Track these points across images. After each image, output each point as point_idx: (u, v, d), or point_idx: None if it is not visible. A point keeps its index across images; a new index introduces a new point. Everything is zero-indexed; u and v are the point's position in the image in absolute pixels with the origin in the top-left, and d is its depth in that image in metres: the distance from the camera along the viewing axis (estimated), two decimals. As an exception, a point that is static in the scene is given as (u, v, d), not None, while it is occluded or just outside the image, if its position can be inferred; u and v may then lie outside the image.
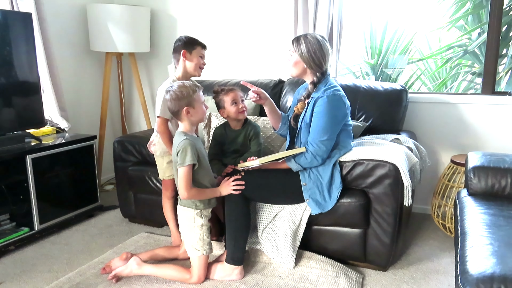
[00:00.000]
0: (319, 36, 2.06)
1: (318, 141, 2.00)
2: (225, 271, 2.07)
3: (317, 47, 2.01)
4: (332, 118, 2.00)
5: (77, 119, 3.43)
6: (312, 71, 2.06)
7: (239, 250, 2.06)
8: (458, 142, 2.86)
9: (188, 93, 1.96)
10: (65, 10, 3.30)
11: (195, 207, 2.02)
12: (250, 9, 3.26)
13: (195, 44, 2.27)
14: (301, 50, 2.03)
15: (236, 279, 2.07)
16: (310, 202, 2.06)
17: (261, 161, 1.99)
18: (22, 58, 2.64)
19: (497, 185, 1.92)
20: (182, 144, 1.92)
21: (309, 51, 2.01)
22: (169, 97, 1.96)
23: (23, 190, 2.53)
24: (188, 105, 1.96)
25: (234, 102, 2.29)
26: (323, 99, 1.99)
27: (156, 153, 2.34)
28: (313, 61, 2.02)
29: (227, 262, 2.07)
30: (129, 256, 2.15)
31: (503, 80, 3.69)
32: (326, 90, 2.02)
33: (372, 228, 2.10)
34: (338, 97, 2.02)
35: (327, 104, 1.98)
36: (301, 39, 2.04)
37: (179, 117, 1.99)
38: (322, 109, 1.99)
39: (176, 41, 2.29)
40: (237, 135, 2.37)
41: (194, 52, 2.27)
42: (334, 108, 2.00)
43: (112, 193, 3.39)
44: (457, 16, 3.95)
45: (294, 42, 2.06)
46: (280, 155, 2.02)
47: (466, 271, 1.31)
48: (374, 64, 4.36)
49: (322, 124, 1.99)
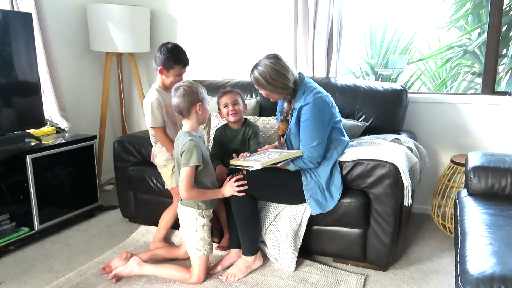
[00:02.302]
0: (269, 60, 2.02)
1: (310, 148, 2.01)
2: (248, 264, 2.12)
3: (272, 73, 2.00)
4: (319, 122, 2.01)
5: (77, 119, 3.43)
6: (284, 92, 2.07)
7: (254, 241, 2.13)
8: (458, 142, 2.86)
9: (201, 90, 2.00)
10: (65, 10, 3.30)
11: (197, 207, 2.02)
12: (250, 9, 3.25)
13: (175, 63, 2.20)
14: (262, 84, 2.03)
15: (259, 265, 2.15)
16: (311, 202, 2.06)
17: (263, 165, 1.96)
18: (22, 58, 2.64)
19: (497, 185, 1.92)
20: (188, 145, 1.92)
21: (267, 81, 2.01)
22: (181, 92, 1.95)
23: (23, 190, 2.52)
24: (200, 101, 1.97)
25: (225, 105, 2.33)
26: (306, 107, 2.00)
27: (160, 163, 2.32)
28: (276, 86, 2.02)
29: (245, 255, 2.12)
30: (129, 256, 2.15)
31: (503, 80, 3.69)
32: (306, 97, 2.03)
33: (372, 228, 2.10)
34: (320, 99, 2.02)
35: (311, 110, 1.99)
36: (255, 75, 2.03)
37: (188, 114, 1.98)
38: (308, 117, 2.00)
39: (159, 49, 2.20)
40: (235, 134, 2.40)
41: (172, 72, 2.21)
42: (319, 112, 2.01)
43: (112, 193, 3.39)
44: (457, 16, 3.95)
45: (252, 79, 2.07)
46: (279, 158, 2.02)
47: (466, 271, 1.31)
48: (374, 64, 4.36)
49: (310, 131, 2.01)
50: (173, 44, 2.22)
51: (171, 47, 2.20)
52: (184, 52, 2.25)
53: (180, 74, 2.25)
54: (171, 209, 2.39)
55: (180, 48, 2.24)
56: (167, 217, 2.40)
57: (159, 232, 2.41)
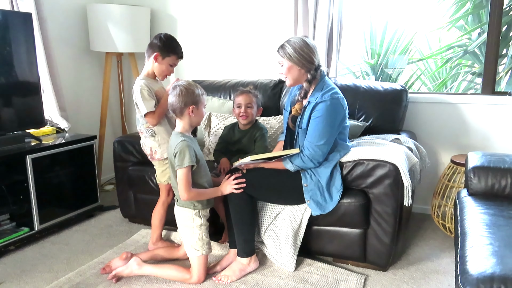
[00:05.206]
0: (301, 36, 2.05)
1: (315, 145, 1.99)
2: (242, 266, 2.10)
3: (302, 44, 2.00)
4: (331, 122, 1.99)
5: (77, 119, 3.43)
6: (306, 70, 2.03)
7: (249, 243, 2.10)
8: (458, 142, 2.86)
9: (198, 93, 1.97)
10: (65, 10, 3.30)
11: (193, 207, 2.02)
12: (250, 9, 3.25)
13: (172, 52, 2.19)
14: (288, 53, 2.00)
15: (254, 267, 2.12)
16: (311, 204, 2.06)
17: (252, 158, 1.98)
18: (22, 58, 2.64)
19: (497, 185, 1.92)
20: (180, 146, 1.92)
21: (296, 51, 1.99)
22: (177, 92, 1.94)
23: (23, 190, 2.52)
24: (194, 104, 1.96)
25: (239, 105, 2.33)
26: (322, 104, 1.98)
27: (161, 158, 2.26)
28: (303, 58, 1.99)
29: (240, 257, 2.10)
30: (129, 256, 2.15)
31: (503, 80, 3.69)
32: (324, 94, 2.00)
33: (372, 228, 2.10)
34: (336, 100, 2.00)
35: (326, 109, 1.97)
36: (284, 44, 2.03)
37: (180, 115, 1.97)
38: (321, 114, 1.98)
39: (155, 37, 2.20)
40: (243, 136, 2.41)
41: (167, 59, 2.20)
42: (333, 112, 1.99)
43: (112, 193, 3.39)
44: (457, 16, 3.95)
45: (279, 49, 2.05)
46: (272, 154, 2.02)
47: (466, 271, 1.31)
48: (374, 64, 4.36)
49: (320, 128, 1.98)
50: (170, 35, 2.23)
51: (170, 36, 2.22)
52: (180, 45, 2.26)
53: (173, 64, 2.23)
54: (159, 205, 2.37)
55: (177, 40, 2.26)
56: (158, 214, 2.37)
57: (154, 231, 2.39)
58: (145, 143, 2.31)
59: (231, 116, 2.72)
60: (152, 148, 2.28)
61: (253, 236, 2.14)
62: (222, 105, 2.90)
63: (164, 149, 2.25)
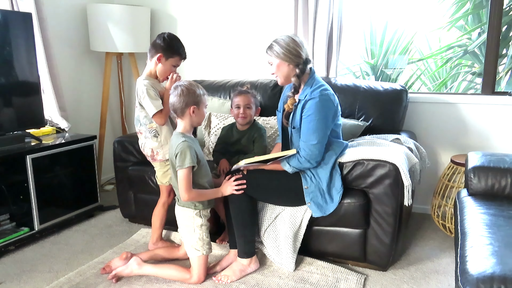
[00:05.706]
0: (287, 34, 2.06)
1: (310, 145, 1.98)
2: (243, 267, 2.09)
3: (288, 40, 2.00)
4: (322, 119, 1.98)
5: (77, 119, 3.43)
6: (294, 64, 2.02)
7: (250, 244, 2.10)
8: (458, 142, 2.86)
9: (199, 93, 1.98)
10: (65, 10, 3.30)
11: (194, 207, 2.02)
12: (250, 9, 3.25)
13: (176, 53, 2.18)
14: (276, 51, 2.01)
15: (255, 268, 2.12)
16: (312, 206, 2.06)
17: (247, 162, 1.97)
18: (22, 58, 2.64)
19: (497, 185, 1.92)
20: (181, 147, 1.92)
21: (282, 47, 1.99)
22: (179, 92, 1.94)
23: (23, 190, 2.52)
24: (195, 104, 1.96)
25: (237, 105, 2.33)
26: (311, 101, 1.98)
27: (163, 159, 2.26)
28: (290, 53, 1.99)
29: (241, 258, 2.10)
30: (129, 256, 2.15)
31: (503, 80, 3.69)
32: (313, 91, 2.00)
33: (372, 228, 2.10)
34: (326, 96, 2.00)
35: (316, 106, 1.97)
36: (272, 44, 2.04)
37: (181, 115, 1.98)
38: (312, 112, 1.97)
39: (159, 37, 2.17)
40: (241, 136, 2.40)
41: (171, 60, 2.18)
42: (323, 109, 1.98)
43: (112, 193, 3.39)
44: (457, 16, 3.95)
45: (267, 50, 2.05)
46: (267, 156, 2.01)
47: (466, 271, 1.31)
48: (374, 64, 4.36)
49: (312, 126, 1.98)
50: (173, 35, 2.21)
51: (173, 36, 2.19)
52: (184, 46, 2.24)
53: (176, 65, 2.22)
54: (160, 206, 2.37)
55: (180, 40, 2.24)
56: (158, 215, 2.37)
57: (154, 232, 2.39)
58: (145, 144, 2.30)
59: (231, 116, 2.72)
60: (154, 149, 2.27)
61: (254, 237, 2.14)
62: (222, 105, 2.90)
63: (166, 150, 2.24)
